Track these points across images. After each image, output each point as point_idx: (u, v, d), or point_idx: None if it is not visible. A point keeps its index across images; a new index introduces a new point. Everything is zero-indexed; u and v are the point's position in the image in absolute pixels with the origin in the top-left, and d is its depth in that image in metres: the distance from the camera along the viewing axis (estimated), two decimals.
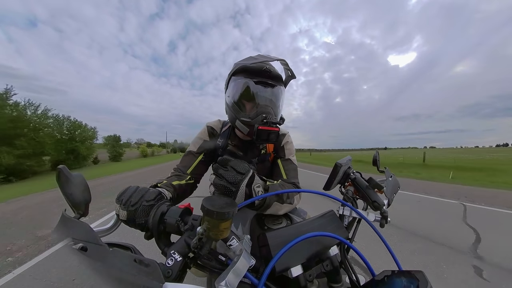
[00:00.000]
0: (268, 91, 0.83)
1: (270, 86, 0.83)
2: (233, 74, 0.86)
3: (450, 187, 7.30)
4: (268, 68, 0.83)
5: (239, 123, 0.84)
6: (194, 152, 0.96)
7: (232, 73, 0.86)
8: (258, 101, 0.82)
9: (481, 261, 2.41)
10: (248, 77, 0.81)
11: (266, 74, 0.82)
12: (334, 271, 0.50)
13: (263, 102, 0.82)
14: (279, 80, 0.86)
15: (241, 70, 0.83)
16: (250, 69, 0.82)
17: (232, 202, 0.42)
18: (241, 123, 0.83)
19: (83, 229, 0.42)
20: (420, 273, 0.41)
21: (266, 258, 0.47)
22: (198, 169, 0.95)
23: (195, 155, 0.96)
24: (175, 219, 0.47)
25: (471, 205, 4.81)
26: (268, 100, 0.83)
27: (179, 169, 0.93)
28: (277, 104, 0.87)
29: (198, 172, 0.95)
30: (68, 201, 0.46)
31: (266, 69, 0.82)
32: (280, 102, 0.88)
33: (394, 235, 3.09)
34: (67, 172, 0.47)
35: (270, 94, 0.83)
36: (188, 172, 0.92)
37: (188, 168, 0.93)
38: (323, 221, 0.57)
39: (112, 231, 0.56)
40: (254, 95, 0.82)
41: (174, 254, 0.41)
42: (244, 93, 0.82)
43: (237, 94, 0.84)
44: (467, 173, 12.05)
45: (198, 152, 0.96)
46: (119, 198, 0.51)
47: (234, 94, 0.85)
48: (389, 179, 0.79)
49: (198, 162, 0.95)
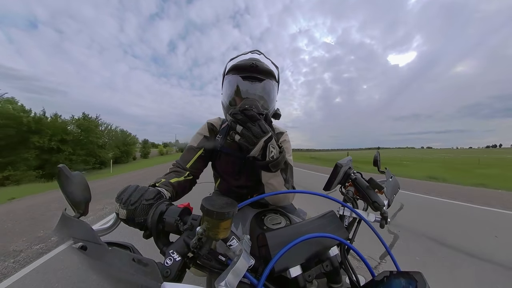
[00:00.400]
0: (256, 85, 0.87)
1: (258, 80, 0.86)
2: (226, 73, 0.91)
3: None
4: (255, 64, 0.86)
5: (229, 118, 0.84)
6: (194, 147, 0.98)
7: (225, 73, 0.92)
8: (248, 96, 0.86)
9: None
10: (236, 74, 0.87)
11: (254, 69, 0.86)
12: (334, 271, 0.50)
13: (252, 97, 0.85)
14: (268, 75, 0.89)
15: (232, 68, 0.89)
16: (239, 67, 0.87)
17: (232, 202, 0.41)
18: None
19: (83, 228, 0.42)
20: (418, 274, 0.41)
21: (266, 258, 0.47)
22: (197, 164, 0.96)
23: (195, 149, 0.97)
24: (174, 218, 0.47)
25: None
26: (257, 94, 0.87)
27: (178, 164, 0.94)
28: (267, 97, 0.89)
29: (197, 167, 0.96)
30: (68, 200, 0.46)
31: (253, 65, 0.85)
32: (271, 95, 0.91)
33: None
34: (67, 171, 0.47)
35: (258, 88, 0.87)
36: (188, 166, 0.93)
37: (188, 162, 0.94)
38: (323, 222, 0.57)
39: (111, 230, 0.56)
40: (242, 90, 0.86)
41: (173, 253, 0.41)
42: (234, 89, 0.87)
43: (228, 91, 0.89)
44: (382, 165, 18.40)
45: (198, 147, 0.98)
46: (119, 197, 0.51)
47: (226, 91, 0.90)
48: (390, 180, 0.79)
49: (197, 157, 0.96)
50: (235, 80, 0.87)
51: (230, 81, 0.89)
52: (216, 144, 0.99)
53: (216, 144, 0.99)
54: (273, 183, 0.77)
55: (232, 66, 0.88)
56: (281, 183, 0.77)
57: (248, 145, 0.64)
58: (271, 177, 0.76)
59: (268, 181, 0.77)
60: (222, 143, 0.99)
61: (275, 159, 0.68)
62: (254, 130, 0.64)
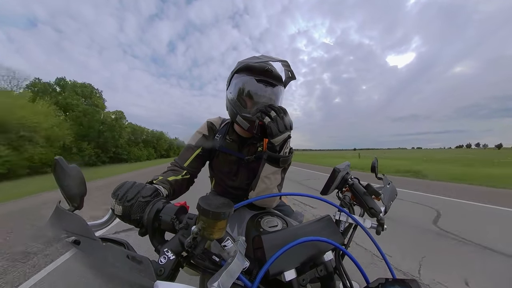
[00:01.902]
0: (269, 90, 0.87)
1: (271, 85, 0.87)
2: (236, 72, 0.89)
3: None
4: (270, 68, 0.87)
5: (240, 118, 0.86)
6: (193, 145, 0.98)
7: (235, 71, 0.89)
8: (259, 99, 0.86)
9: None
10: (250, 75, 0.85)
11: (268, 74, 0.86)
12: (328, 276, 0.50)
13: (263, 100, 0.87)
14: (279, 81, 0.90)
15: (244, 68, 0.87)
16: (252, 68, 0.85)
17: (229, 202, 0.41)
18: (242, 119, 0.86)
19: (77, 222, 0.41)
20: (414, 282, 0.41)
21: (260, 260, 0.47)
22: (195, 163, 0.96)
23: (193, 148, 0.97)
24: (171, 216, 0.47)
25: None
26: (268, 98, 0.88)
27: (176, 163, 0.94)
28: (276, 102, 0.91)
29: (194, 165, 0.96)
30: (64, 193, 0.46)
31: (268, 69, 0.86)
32: (279, 101, 0.92)
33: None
34: (63, 164, 0.46)
35: (270, 93, 0.88)
36: (185, 165, 0.93)
37: (186, 161, 0.94)
38: (319, 226, 0.57)
39: (106, 225, 0.55)
40: (255, 92, 0.86)
41: (167, 252, 0.41)
42: (246, 90, 0.86)
43: (239, 91, 0.88)
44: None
45: (197, 146, 0.98)
46: (115, 193, 0.50)
47: (236, 90, 0.88)
48: (387, 186, 0.79)
49: (195, 156, 0.96)
50: (249, 81, 0.86)
51: (242, 80, 0.87)
52: (215, 143, 0.99)
53: (215, 143, 0.99)
54: (271, 178, 0.80)
55: (245, 65, 0.86)
56: (277, 181, 0.82)
57: (277, 130, 0.70)
58: (271, 172, 0.80)
59: (266, 175, 0.80)
60: (221, 143, 0.99)
61: (286, 156, 0.76)
62: (286, 120, 0.71)
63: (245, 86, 0.86)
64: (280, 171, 0.82)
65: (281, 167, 0.80)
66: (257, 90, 0.86)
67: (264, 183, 0.81)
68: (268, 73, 0.86)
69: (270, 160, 0.78)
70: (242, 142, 0.99)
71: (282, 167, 0.79)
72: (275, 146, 0.76)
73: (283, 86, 0.93)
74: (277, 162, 0.77)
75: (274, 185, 0.82)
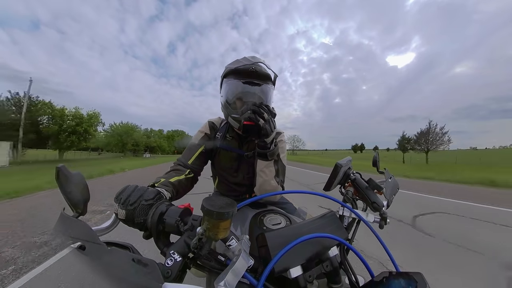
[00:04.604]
0: (256, 89, 0.93)
1: (257, 85, 0.93)
2: (224, 76, 0.96)
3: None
4: (255, 69, 0.91)
5: (231, 119, 0.93)
6: (195, 144, 1.02)
7: (224, 76, 0.96)
8: (247, 99, 0.92)
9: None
10: (237, 79, 0.92)
11: (253, 75, 0.91)
12: (334, 272, 0.50)
13: (251, 99, 0.92)
14: (266, 79, 0.95)
15: (231, 72, 0.93)
16: (238, 71, 0.92)
17: (232, 202, 0.41)
18: (233, 119, 0.92)
19: (82, 228, 0.41)
20: (418, 275, 0.41)
21: (265, 258, 0.47)
22: (198, 160, 1.00)
23: (196, 146, 1.01)
24: (175, 219, 0.47)
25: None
26: (258, 97, 0.94)
27: (180, 162, 0.97)
28: (265, 99, 0.96)
29: (198, 163, 1.00)
30: (67, 199, 0.46)
31: (253, 70, 0.91)
32: (268, 97, 0.97)
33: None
34: (66, 171, 0.46)
35: (257, 92, 0.94)
36: (189, 163, 0.97)
37: (189, 159, 0.98)
38: (323, 222, 0.57)
39: (110, 230, 0.55)
40: (242, 94, 0.93)
41: (173, 254, 0.41)
42: (234, 92, 0.94)
43: (228, 94, 0.95)
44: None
45: (199, 144, 1.02)
46: (117, 197, 0.50)
47: (226, 94, 0.96)
48: (389, 180, 0.79)
49: (198, 154, 1.00)
50: (236, 84, 0.92)
51: (230, 84, 0.94)
52: (216, 141, 1.03)
53: (216, 142, 1.03)
54: (265, 171, 0.87)
55: (232, 69, 0.92)
56: (272, 173, 0.88)
57: (271, 130, 0.76)
58: (264, 166, 0.86)
59: (261, 169, 0.87)
60: (222, 140, 1.03)
61: (272, 150, 0.83)
62: (273, 122, 0.78)
63: (233, 89, 0.94)
64: (272, 163, 0.88)
65: (270, 160, 0.86)
66: (245, 92, 0.93)
67: (261, 177, 0.88)
68: (253, 73, 0.91)
69: (260, 155, 0.85)
70: (242, 139, 1.03)
71: (272, 159, 0.86)
72: (268, 144, 0.82)
73: (272, 82, 0.98)
74: (266, 156, 0.84)
75: (270, 177, 0.88)
